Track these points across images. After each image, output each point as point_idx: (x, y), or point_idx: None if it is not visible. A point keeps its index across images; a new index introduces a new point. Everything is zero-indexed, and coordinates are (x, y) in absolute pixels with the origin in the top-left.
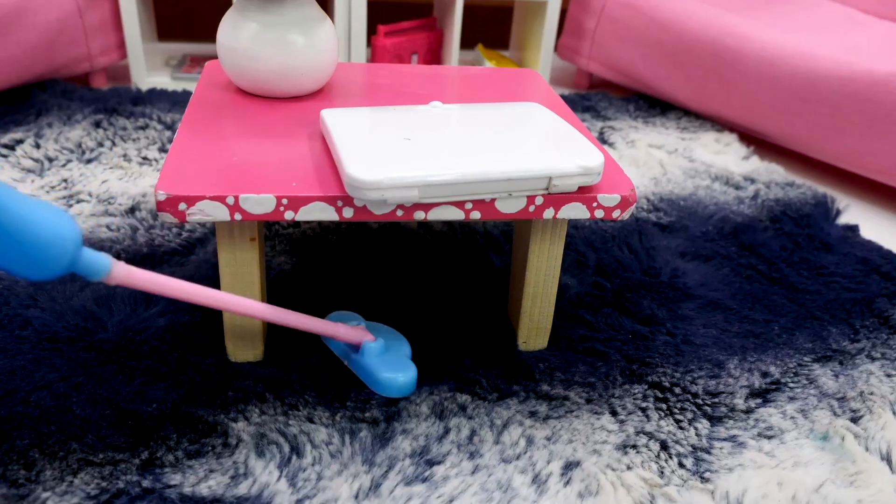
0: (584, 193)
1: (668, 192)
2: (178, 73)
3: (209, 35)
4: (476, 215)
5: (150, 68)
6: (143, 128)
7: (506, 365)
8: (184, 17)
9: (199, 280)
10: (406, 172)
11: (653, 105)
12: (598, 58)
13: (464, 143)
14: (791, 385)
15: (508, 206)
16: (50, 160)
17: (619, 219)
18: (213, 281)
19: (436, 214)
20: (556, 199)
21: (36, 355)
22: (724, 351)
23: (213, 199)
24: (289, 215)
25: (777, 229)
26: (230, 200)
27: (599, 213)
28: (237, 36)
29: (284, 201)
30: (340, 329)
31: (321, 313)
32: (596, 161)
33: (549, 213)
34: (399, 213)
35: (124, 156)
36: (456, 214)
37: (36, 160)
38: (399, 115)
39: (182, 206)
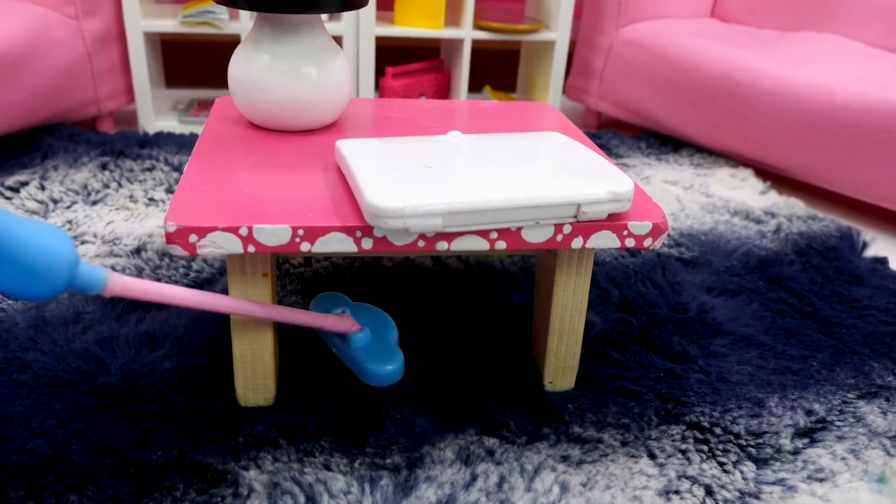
0: (613, 221)
1: (687, 228)
2: (186, 117)
3: (216, 82)
4: (501, 245)
5: (157, 113)
6: (150, 169)
7: (533, 406)
8: (191, 64)
9: (207, 321)
10: (429, 200)
11: (664, 142)
12: (608, 97)
13: (487, 170)
14: (838, 423)
15: (535, 236)
16: (55, 202)
17: (651, 248)
18: (222, 322)
19: (459, 245)
20: (585, 227)
21: (34, 400)
22: (763, 388)
23: (225, 230)
24: (305, 247)
25: (804, 262)
26: (243, 231)
27: (630, 242)
28: (249, 68)
29: (300, 232)
30: (328, 320)
31: (335, 362)
32: (626, 187)
33: (577, 243)
34: (421, 243)
35: (130, 197)
36: (480, 245)
37: (40, 202)
38: (418, 145)
39: (193, 237)
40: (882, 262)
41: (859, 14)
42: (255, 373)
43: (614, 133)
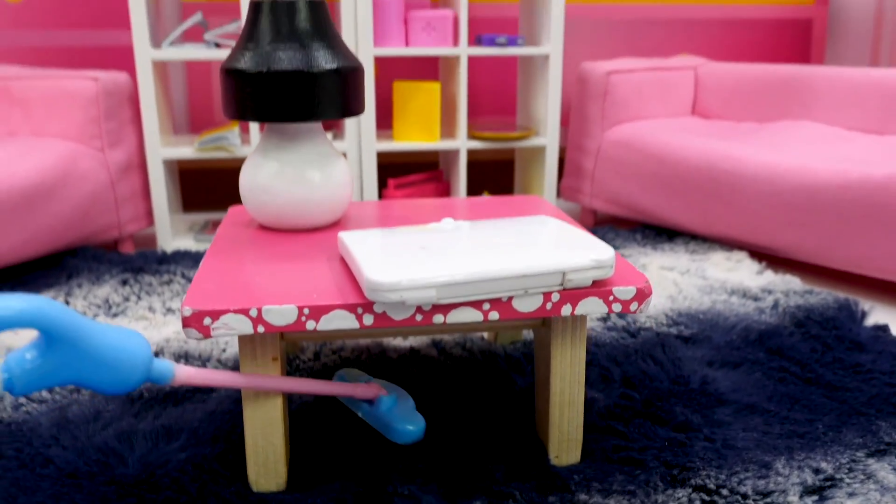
0: (599, 288)
1: (686, 308)
2: (201, 235)
3: (230, 205)
4: (494, 316)
5: (174, 234)
6: (168, 283)
7: (539, 478)
8: (206, 191)
9: (220, 415)
10: (423, 274)
11: (659, 233)
12: (600, 195)
13: (478, 247)
14: (848, 481)
15: (526, 305)
16: None
17: (637, 312)
18: (235, 414)
19: (455, 317)
20: (572, 294)
21: (55, 491)
22: (770, 452)
23: (236, 311)
24: (310, 325)
25: (804, 333)
26: (253, 313)
27: (617, 307)
28: (258, 174)
29: (306, 311)
30: (358, 388)
31: (343, 445)
32: (607, 254)
33: (566, 310)
34: (418, 317)
35: (149, 308)
36: (474, 316)
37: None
38: (413, 232)
39: (207, 320)
40: (884, 329)
41: (833, 102)
42: (266, 457)
43: (610, 227)
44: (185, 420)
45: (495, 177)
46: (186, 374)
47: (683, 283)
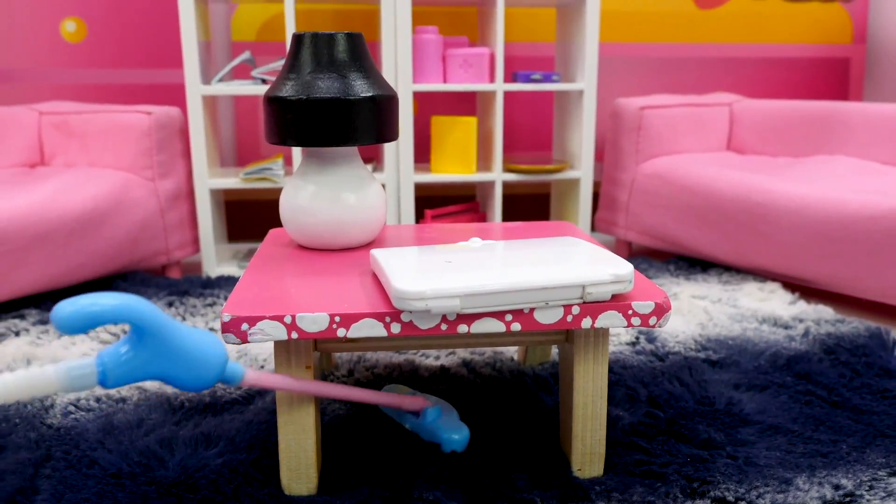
0: (618, 302)
1: (715, 334)
2: (245, 263)
3: None
4: (517, 327)
5: (219, 261)
6: (211, 305)
7: (560, 488)
8: (250, 223)
9: (256, 424)
10: (447, 284)
11: (693, 265)
12: (635, 227)
13: (502, 262)
14: (868, 497)
15: (547, 317)
16: (126, 333)
17: (656, 326)
18: (270, 424)
19: (478, 327)
20: (592, 308)
21: (99, 490)
22: (791, 469)
23: (272, 318)
24: (341, 332)
25: (833, 359)
26: (287, 319)
27: (636, 321)
28: (298, 196)
29: (337, 319)
30: (406, 400)
31: (373, 453)
32: (626, 269)
33: (586, 323)
34: (443, 326)
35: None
36: (497, 327)
37: (114, 334)
38: (442, 249)
39: (244, 326)
40: None
41: (868, 137)
42: (298, 462)
43: (644, 258)
44: (224, 428)
45: (532, 210)
46: (255, 376)
47: (714, 312)
